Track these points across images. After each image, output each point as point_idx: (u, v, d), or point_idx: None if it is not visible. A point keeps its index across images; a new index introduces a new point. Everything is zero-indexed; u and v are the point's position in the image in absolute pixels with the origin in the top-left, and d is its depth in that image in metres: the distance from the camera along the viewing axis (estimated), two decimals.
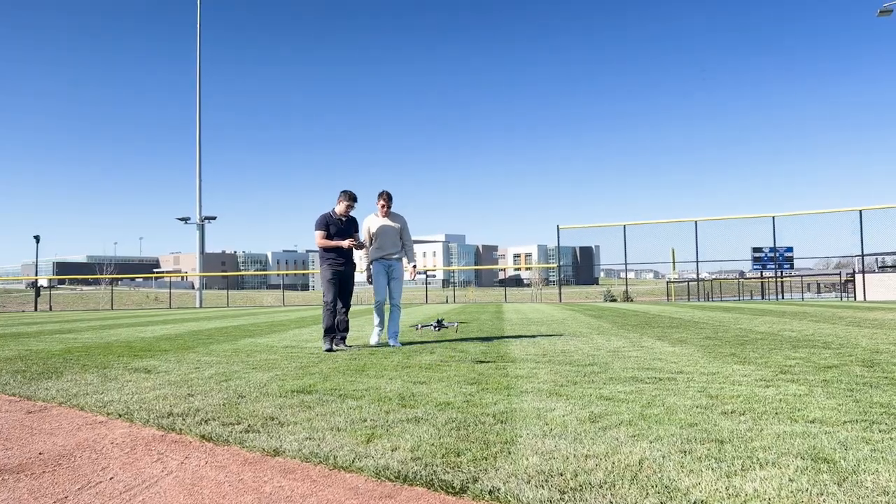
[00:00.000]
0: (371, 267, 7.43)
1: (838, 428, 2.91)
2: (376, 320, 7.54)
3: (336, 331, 7.14)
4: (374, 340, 7.47)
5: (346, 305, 7.28)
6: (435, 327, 9.09)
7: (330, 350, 6.86)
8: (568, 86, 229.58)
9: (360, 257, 7.59)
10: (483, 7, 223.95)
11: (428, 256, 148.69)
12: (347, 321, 7.27)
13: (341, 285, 7.23)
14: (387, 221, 7.41)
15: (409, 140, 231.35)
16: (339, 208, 7.26)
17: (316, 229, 7.25)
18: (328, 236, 7.19)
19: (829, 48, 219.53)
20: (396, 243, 7.44)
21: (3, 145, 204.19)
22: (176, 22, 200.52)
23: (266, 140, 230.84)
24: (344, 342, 7.15)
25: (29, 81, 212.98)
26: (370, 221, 7.46)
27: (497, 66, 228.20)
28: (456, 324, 9.51)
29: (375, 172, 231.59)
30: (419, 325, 9.27)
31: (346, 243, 7.13)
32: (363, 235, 7.46)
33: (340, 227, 7.24)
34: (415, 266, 7.59)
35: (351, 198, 7.24)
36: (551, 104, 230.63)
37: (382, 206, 7.37)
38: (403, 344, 7.33)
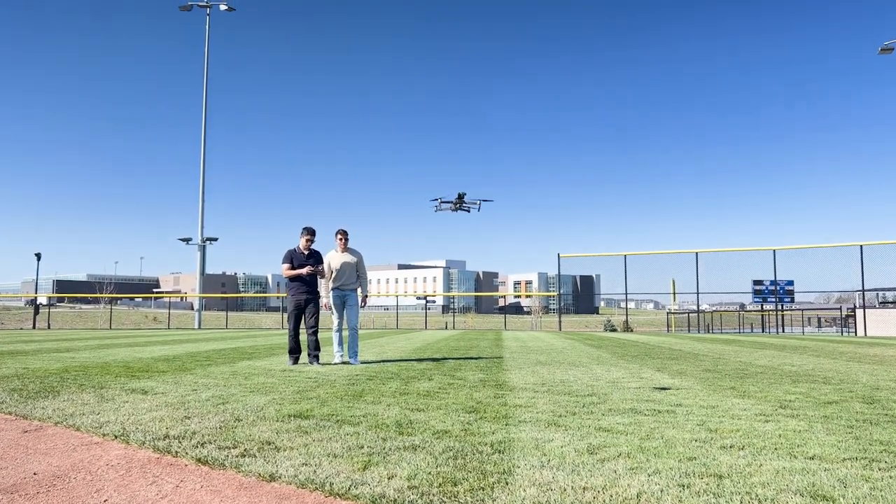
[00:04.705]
0: (330, 296, 8.36)
1: (838, 465, 2.89)
2: (335, 346, 8.42)
3: (298, 351, 8.13)
4: (336, 360, 8.22)
5: (313, 326, 8.17)
6: (455, 203, 9.48)
7: (295, 363, 7.93)
8: (571, 113, 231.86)
9: (322, 286, 8.44)
10: (488, 24, 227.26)
11: (428, 282, 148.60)
12: (317, 341, 8.22)
13: (306, 310, 8.19)
14: (345, 257, 8.38)
15: (411, 164, 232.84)
16: (301, 242, 8.25)
17: (282, 263, 8.28)
18: (292, 268, 8.18)
19: (833, 80, 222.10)
20: (352, 276, 8.43)
21: (5, 162, 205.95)
22: (183, 41, 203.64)
23: (270, 163, 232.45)
24: (317, 360, 8.01)
25: (32, 99, 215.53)
26: (330, 256, 8.40)
27: (500, 90, 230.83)
28: (479, 202, 9.75)
29: (376, 196, 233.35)
30: (439, 202, 9.70)
31: (303, 271, 8.10)
32: (325, 268, 8.29)
33: (303, 260, 8.19)
34: (366, 296, 8.60)
35: (310, 232, 8.28)
36: (554, 133, 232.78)
37: (340, 241, 8.38)
38: (402, 361, 7.41)
